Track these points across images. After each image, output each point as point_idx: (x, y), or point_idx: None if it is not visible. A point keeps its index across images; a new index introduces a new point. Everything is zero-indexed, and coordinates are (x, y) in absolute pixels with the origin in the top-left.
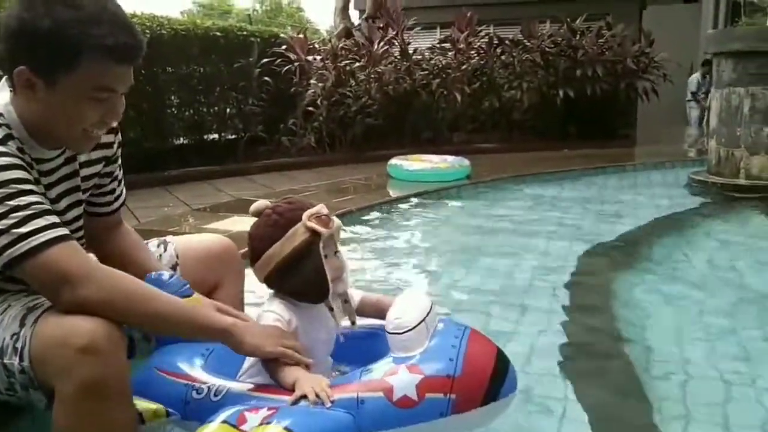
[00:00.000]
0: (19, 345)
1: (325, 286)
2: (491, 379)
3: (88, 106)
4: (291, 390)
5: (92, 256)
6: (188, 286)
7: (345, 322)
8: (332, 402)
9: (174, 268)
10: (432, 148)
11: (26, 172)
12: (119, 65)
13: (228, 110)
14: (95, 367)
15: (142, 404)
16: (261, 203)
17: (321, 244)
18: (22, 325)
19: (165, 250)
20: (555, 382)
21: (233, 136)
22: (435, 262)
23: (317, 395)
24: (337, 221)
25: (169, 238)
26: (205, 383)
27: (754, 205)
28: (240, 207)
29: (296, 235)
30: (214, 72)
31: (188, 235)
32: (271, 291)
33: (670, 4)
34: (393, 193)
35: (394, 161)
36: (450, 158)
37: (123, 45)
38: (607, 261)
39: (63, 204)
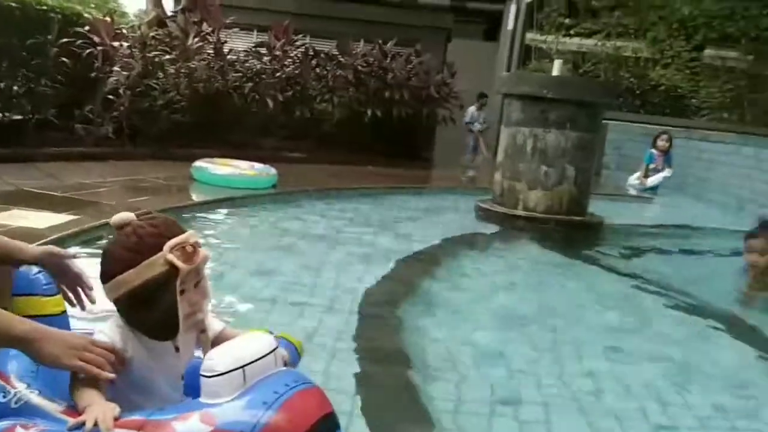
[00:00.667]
0: None
1: (174, 326)
2: None
3: None
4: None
5: None
6: (53, 285)
7: (199, 353)
8: None
9: None
10: (240, 153)
11: None
12: None
13: (15, 88)
14: None
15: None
16: (124, 216)
17: (179, 279)
18: None
19: None
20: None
21: (19, 117)
22: (231, 271)
23: (96, 424)
24: (203, 253)
25: None
26: (14, 388)
27: (529, 234)
28: (20, 198)
29: (154, 267)
30: (3, 45)
31: None
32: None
33: (472, 39)
34: (195, 197)
35: (199, 163)
36: (258, 166)
37: None
38: (398, 279)
39: None
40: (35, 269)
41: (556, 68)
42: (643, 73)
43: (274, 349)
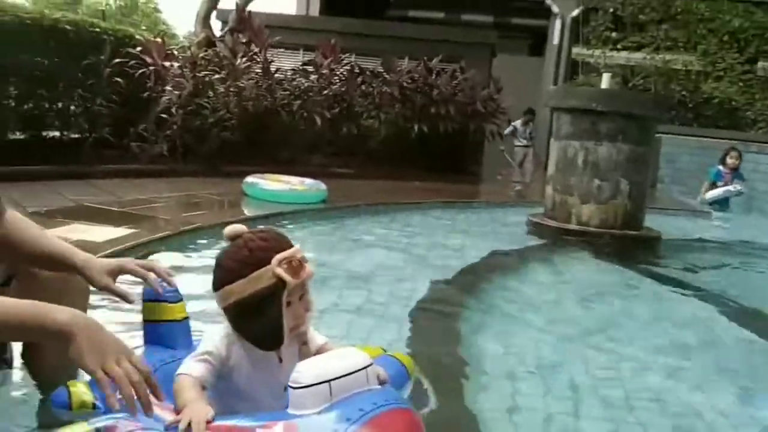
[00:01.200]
0: None
1: (279, 337)
2: None
3: None
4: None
5: None
6: (177, 292)
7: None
8: None
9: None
10: (288, 169)
11: None
12: None
13: (72, 108)
14: None
15: (78, 390)
16: (237, 228)
17: (286, 292)
18: None
19: None
20: None
21: (77, 136)
22: None
23: (190, 425)
24: (310, 269)
25: None
26: None
27: (583, 248)
28: (80, 213)
29: (261, 279)
30: (60, 66)
31: None
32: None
33: (517, 55)
34: (247, 212)
35: (250, 179)
36: (308, 181)
37: None
38: (453, 290)
39: None
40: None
41: (605, 81)
42: (695, 87)
43: (366, 367)
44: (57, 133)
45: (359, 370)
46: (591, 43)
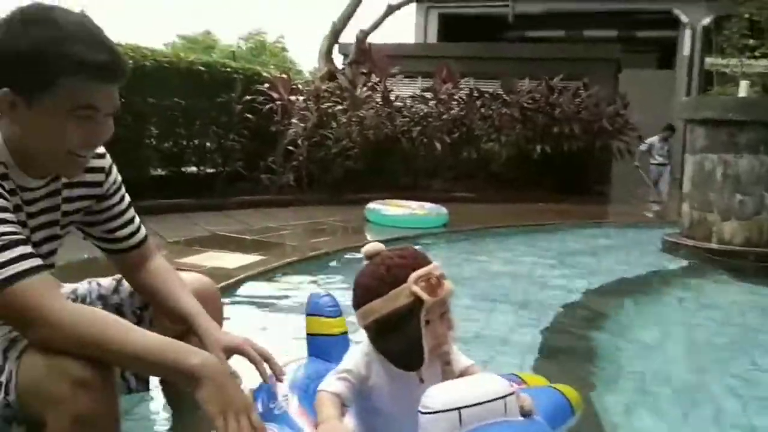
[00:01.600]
0: (3, 379)
1: (419, 356)
2: None
3: (70, 126)
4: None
5: (67, 287)
6: (337, 307)
7: None
8: None
9: (145, 306)
10: (410, 195)
11: (2, 200)
12: (98, 83)
13: (208, 144)
14: (89, 400)
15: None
16: (375, 247)
17: (424, 311)
18: (5, 358)
19: None
20: None
21: (212, 170)
22: None
23: None
24: (448, 286)
25: None
26: (284, 395)
27: (725, 269)
28: (215, 242)
29: (399, 298)
30: (195, 105)
31: None
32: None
33: (645, 68)
34: (370, 237)
35: (372, 205)
36: (428, 205)
37: (101, 62)
38: (582, 316)
39: (39, 236)
40: (322, 292)
41: (743, 90)
42: None
43: (505, 396)
44: (194, 169)
45: (495, 399)
46: (726, 52)
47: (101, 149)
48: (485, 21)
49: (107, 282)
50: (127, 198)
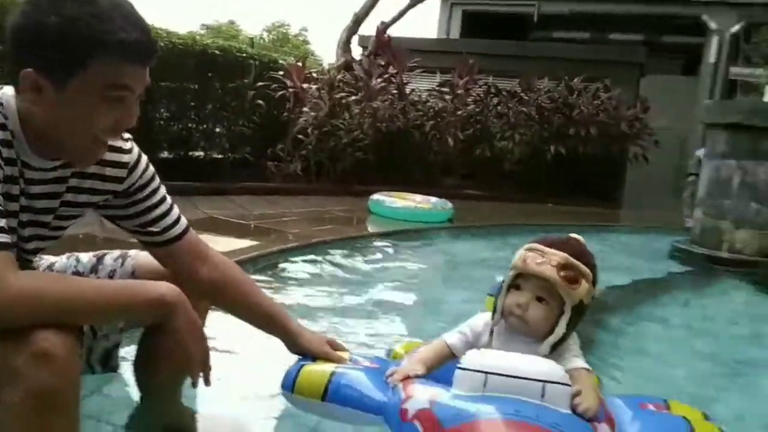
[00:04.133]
0: None
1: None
2: None
3: (102, 108)
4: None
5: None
6: None
7: None
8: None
9: None
10: (420, 190)
11: None
12: (133, 63)
13: (217, 129)
14: (48, 375)
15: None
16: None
17: None
18: None
19: (122, 264)
20: None
21: (219, 156)
22: (400, 300)
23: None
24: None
25: (131, 252)
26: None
27: (736, 279)
28: (210, 225)
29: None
30: (207, 89)
31: None
32: None
33: (669, 74)
34: (371, 229)
35: (376, 196)
36: (433, 199)
37: (137, 42)
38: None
39: (26, 217)
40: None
41: None
42: None
43: (545, 381)
44: (201, 153)
45: (530, 379)
46: (751, 61)
47: (128, 144)
48: (510, 20)
49: (87, 258)
50: (161, 192)
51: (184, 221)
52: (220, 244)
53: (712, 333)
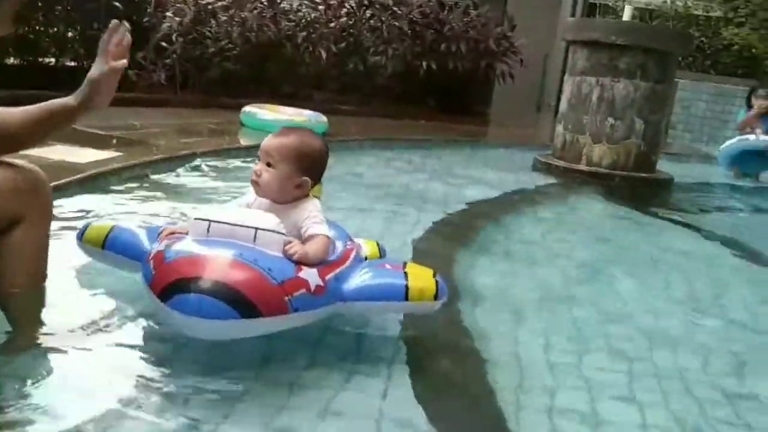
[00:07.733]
0: None
1: None
2: None
3: None
4: None
5: None
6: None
7: None
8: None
9: None
10: (291, 104)
11: None
12: None
13: (69, 33)
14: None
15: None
16: None
17: None
18: None
19: None
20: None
21: (73, 63)
22: None
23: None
24: None
25: None
26: None
27: (592, 189)
28: (67, 136)
29: None
30: None
31: None
32: None
33: None
34: (244, 142)
35: (248, 108)
36: (307, 112)
37: None
38: (449, 231)
39: None
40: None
41: (627, 14)
42: (714, 32)
43: (257, 229)
44: (52, 60)
45: (245, 227)
46: None
47: None
48: None
49: None
50: None
51: None
52: (80, 156)
53: (570, 240)
